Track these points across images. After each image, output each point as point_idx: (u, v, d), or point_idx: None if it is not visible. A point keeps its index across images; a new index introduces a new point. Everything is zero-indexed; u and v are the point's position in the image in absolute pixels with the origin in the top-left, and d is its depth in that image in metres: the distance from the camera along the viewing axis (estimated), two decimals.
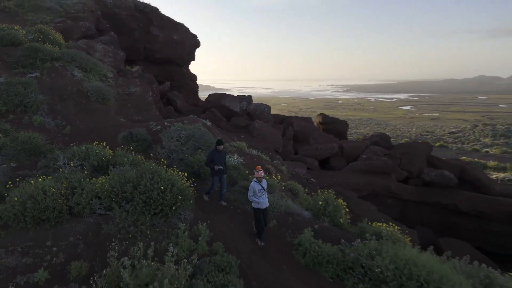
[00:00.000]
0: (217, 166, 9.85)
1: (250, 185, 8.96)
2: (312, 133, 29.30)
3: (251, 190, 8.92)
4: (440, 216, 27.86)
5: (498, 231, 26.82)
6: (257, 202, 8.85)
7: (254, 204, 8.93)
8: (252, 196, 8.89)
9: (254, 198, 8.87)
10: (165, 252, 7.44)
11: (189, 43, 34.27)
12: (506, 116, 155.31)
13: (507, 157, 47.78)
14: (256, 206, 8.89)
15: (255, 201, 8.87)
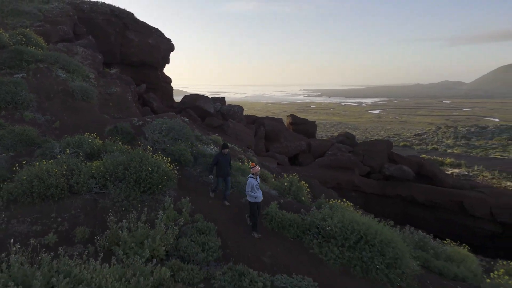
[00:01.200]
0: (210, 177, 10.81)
1: (248, 180, 9.54)
2: (282, 132, 31.23)
3: (249, 186, 9.47)
4: (400, 208, 30.33)
5: (451, 220, 29.53)
6: (254, 197, 9.42)
7: (251, 198, 9.47)
8: (250, 191, 9.44)
9: (252, 193, 9.41)
10: (155, 220, 8.94)
11: (164, 47, 35.55)
12: (467, 119, 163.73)
13: (463, 155, 51.55)
14: (253, 200, 9.45)
15: (252, 196, 9.42)
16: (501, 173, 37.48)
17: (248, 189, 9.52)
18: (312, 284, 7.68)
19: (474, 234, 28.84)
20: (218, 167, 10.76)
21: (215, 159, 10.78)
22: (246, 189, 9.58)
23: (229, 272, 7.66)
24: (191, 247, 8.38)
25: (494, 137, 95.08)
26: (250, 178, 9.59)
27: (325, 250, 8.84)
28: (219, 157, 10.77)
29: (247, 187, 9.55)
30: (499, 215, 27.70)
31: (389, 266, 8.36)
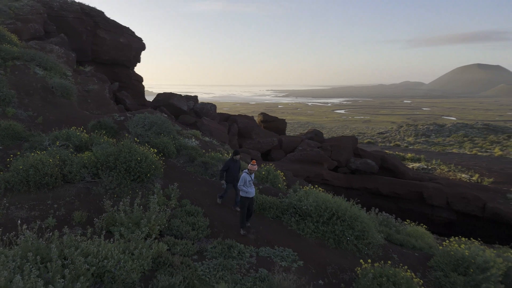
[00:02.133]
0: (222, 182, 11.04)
1: (242, 175, 9.64)
2: (254, 129, 32.30)
3: (242, 180, 9.57)
4: (365, 199, 32.17)
5: (411, 209, 31.72)
6: (246, 192, 9.55)
7: (242, 193, 9.61)
8: (242, 185, 9.56)
9: (243, 188, 9.54)
10: (147, 205, 9.71)
11: (135, 46, 35.71)
12: (427, 118, 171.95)
13: (422, 150, 54.78)
14: (245, 195, 9.58)
15: (244, 190, 9.55)
16: (456, 166, 40.36)
17: (240, 183, 9.62)
18: (292, 254, 8.76)
19: (433, 222, 31.12)
20: (229, 173, 10.75)
21: (226, 165, 10.78)
22: (239, 183, 9.68)
23: (219, 246, 8.60)
24: (183, 227, 9.24)
25: (451, 135, 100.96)
26: (244, 173, 9.70)
27: (302, 226, 9.97)
28: (230, 163, 10.79)
29: (240, 181, 9.64)
30: (454, 204, 30.06)
31: (357, 237, 9.59)
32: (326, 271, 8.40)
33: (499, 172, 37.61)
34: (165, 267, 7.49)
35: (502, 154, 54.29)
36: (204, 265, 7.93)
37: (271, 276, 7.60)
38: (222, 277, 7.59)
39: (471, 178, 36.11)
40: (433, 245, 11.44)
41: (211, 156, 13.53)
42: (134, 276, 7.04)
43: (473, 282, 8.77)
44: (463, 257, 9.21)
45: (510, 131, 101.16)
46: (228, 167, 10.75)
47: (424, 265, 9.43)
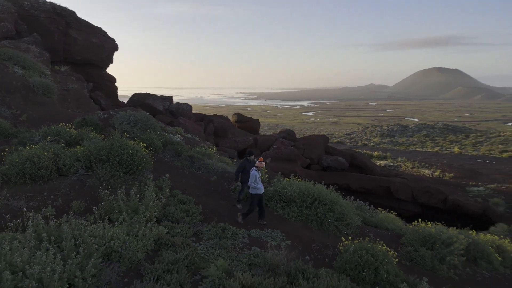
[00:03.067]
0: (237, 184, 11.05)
1: (252, 173, 10.00)
2: (230, 129, 33.01)
3: (253, 177, 9.91)
4: None
5: (380, 204, 33.42)
6: (257, 188, 9.93)
7: (253, 190, 9.96)
8: (253, 182, 9.90)
9: (254, 185, 9.89)
10: (142, 195, 10.23)
11: (108, 46, 35.53)
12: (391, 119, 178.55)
13: (388, 149, 57.38)
14: (255, 192, 9.95)
15: (255, 187, 9.92)
16: (420, 163, 42.80)
17: (251, 181, 9.91)
18: (280, 234, 9.60)
19: (400, 215, 32.88)
20: (244, 174, 10.74)
21: (241, 166, 10.81)
22: (250, 181, 9.95)
23: (213, 229, 9.31)
24: (177, 213, 9.87)
25: (414, 135, 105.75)
26: (253, 171, 10.01)
27: (287, 211, 10.84)
28: (245, 164, 10.83)
29: (251, 178, 9.92)
30: (419, 198, 32.02)
31: (337, 219, 10.57)
32: (312, 248, 9.30)
33: (459, 167, 40.29)
34: (167, 247, 8.11)
35: (461, 152, 57.81)
36: (202, 245, 8.62)
37: (263, 252, 8.39)
38: (220, 255, 8.30)
39: (433, 174, 38.46)
40: (403, 227, 12.64)
41: (197, 151, 14.17)
42: (139, 255, 7.64)
43: (439, 255, 9.94)
44: (430, 234, 10.38)
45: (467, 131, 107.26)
46: (244, 167, 10.77)
47: (397, 242, 10.54)
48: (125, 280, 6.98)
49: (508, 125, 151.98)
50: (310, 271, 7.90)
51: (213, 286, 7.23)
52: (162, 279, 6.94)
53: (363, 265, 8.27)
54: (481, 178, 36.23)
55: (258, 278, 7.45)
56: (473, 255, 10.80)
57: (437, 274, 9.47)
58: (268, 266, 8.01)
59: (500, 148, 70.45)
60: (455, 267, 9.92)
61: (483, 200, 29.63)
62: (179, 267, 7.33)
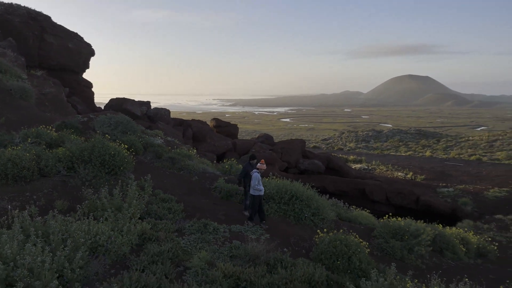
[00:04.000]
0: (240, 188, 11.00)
1: (254, 175, 10.26)
2: (208, 133, 33.31)
3: (255, 179, 10.15)
4: None
5: (356, 205, 34.37)
6: (259, 190, 10.19)
7: (255, 192, 10.17)
8: (256, 184, 10.14)
9: (257, 186, 10.14)
10: (124, 194, 10.47)
11: (85, 51, 35.29)
12: (366, 125, 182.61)
13: (363, 153, 58.91)
14: (257, 194, 10.17)
15: (258, 189, 10.17)
16: (393, 166, 44.27)
17: (254, 182, 10.14)
18: (260, 229, 10.06)
19: (375, 216, 34.10)
20: (248, 178, 10.75)
21: (244, 170, 10.80)
22: (253, 183, 10.18)
23: (195, 224, 9.68)
24: (160, 211, 10.19)
25: (388, 140, 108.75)
26: (255, 173, 10.29)
27: (266, 207, 11.31)
28: (248, 168, 10.86)
29: (254, 180, 10.17)
30: (392, 199, 33.15)
31: (314, 214, 11.14)
32: (289, 241, 9.80)
33: (430, 170, 41.94)
34: (151, 241, 8.43)
35: (432, 155, 60.04)
36: (185, 240, 8.97)
37: (244, 245, 8.83)
38: (202, 248, 8.68)
39: (406, 176, 39.91)
40: (375, 223, 13.34)
41: (177, 152, 14.49)
42: (124, 249, 7.93)
43: (408, 246, 10.65)
44: (400, 227, 11.09)
45: (438, 136, 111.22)
46: (247, 172, 10.79)
47: (369, 235, 11.19)
48: (111, 271, 7.26)
49: (477, 130, 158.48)
50: (288, 261, 8.39)
51: (196, 276, 7.61)
52: (148, 269, 7.27)
53: (338, 255, 8.84)
54: (450, 179, 37.88)
55: (239, 267, 7.88)
56: (440, 246, 11.59)
57: (405, 263, 10.15)
58: (249, 257, 8.45)
59: (469, 152, 73.55)
60: (422, 256, 10.64)
61: (452, 200, 31.00)
62: (163, 259, 7.67)
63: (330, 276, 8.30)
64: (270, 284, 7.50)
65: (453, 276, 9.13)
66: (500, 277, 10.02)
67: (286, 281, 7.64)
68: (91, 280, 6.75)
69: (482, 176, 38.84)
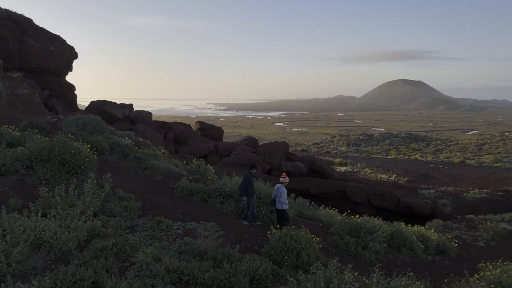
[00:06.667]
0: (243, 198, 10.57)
1: (282, 190, 10.44)
2: (191, 136, 33.35)
3: (285, 195, 10.38)
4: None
5: (338, 207, 34.54)
6: (287, 203, 10.52)
7: (283, 206, 10.37)
8: (285, 199, 10.43)
9: (287, 201, 10.51)
10: (82, 193, 10.52)
11: (67, 54, 35.28)
12: (358, 129, 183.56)
13: (350, 156, 59.27)
14: (285, 208, 10.47)
15: (286, 203, 10.42)
16: (378, 169, 44.60)
17: (284, 198, 10.35)
18: (215, 226, 10.16)
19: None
20: (250, 187, 10.61)
21: (246, 180, 10.61)
22: (282, 198, 10.32)
23: (149, 222, 9.75)
24: (116, 209, 10.25)
25: (379, 143, 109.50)
26: (282, 187, 10.46)
27: (225, 206, 11.43)
28: (250, 177, 10.73)
29: (283, 196, 10.35)
30: (374, 200, 33.39)
31: (271, 211, 11.26)
32: (243, 238, 9.90)
33: (413, 172, 42.32)
34: (99, 237, 8.49)
35: (419, 159, 60.53)
36: (135, 236, 9.05)
37: (194, 241, 8.92)
38: (151, 244, 8.76)
39: (389, 178, 40.21)
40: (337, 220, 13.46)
41: (144, 152, 14.56)
42: (70, 245, 7.98)
43: (363, 242, 10.80)
44: (356, 224, 11.24)
45: (428, 140, 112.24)
46: (249, 181, 10.67)
47: (326, 232, 11.32)
48: (52, 266, 7.30)
49: (468, 134, 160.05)
50: (235, 256, 8.49)
51: (140, 271, 7.68)
52: (89, 264, 7.33)
53: (287, 250, 8.96)
54: (432, 181, 38.26)
55: (184, 262, 7.98)
56: (397, 243, 11.76)
57: (359, 259, 10.29)
58: (196, 252, 8.54)
59: (458, 155, 74.33)
60: (377, 253, 10.79)
61: (433, 201, 31.32)
62: (107, 254, 7.73)
63: (276, 270, 8.42)
64: (212, 278, 7.60)
65: (405, 271, 9.27)
66: (452, 272, 10.18)
67: (229, 275, 7.74)
68: (27, 274, 6.79)
69: (464, 178, 39.30)
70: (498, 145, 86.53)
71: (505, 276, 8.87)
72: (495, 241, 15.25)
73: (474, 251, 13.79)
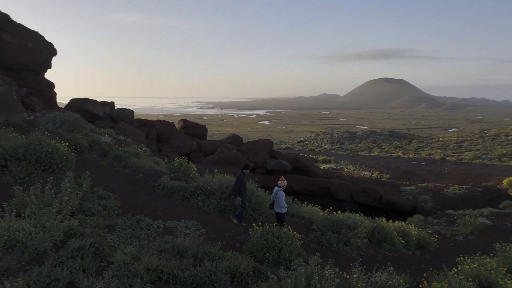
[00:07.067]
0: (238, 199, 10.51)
1: (281, 194, 10.35)
2: (174, 134, 33.01)
3: (283, 199, 10.26)
4: None
5: (322, 204, 34.76)
6: (286, 207, 10.42)
7: (283, 209, 10.27)
8: (284, 202, 10.33)
9: (285, 204, 10.38)
10: (59, 192, 10.25)
11: (45, 51, 34.40)
12: (342, 127, 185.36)
13: (333, 153, 59.75)
14: (284, 211, 10.39)
15: (285, 206, 10.33)
16: (361, 166, 45.08)
17: (282, 202, 10.26)
18: (196, 224, 10.05)
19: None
20: (243, 187, 10.61)
21: (240, 180, 10.53)
22: (280, 202, 10.24)
23: (128, 220, 9.58)
24: (94, 207, 10.03)
25: (362, 141, 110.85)
26: (280, 191, 10.40)
27: (207, 203, 11.34)
28: (243, 178, 10.67)
29: (281, 200, 10.26)
30: (357, 197, 33.70)
31: (253, 209, 11.23)
32: (225, 235, 9.83)
33: (395, 169, 42.93)
34: (76, 237, 8.28)
35: (401, 156, 61.48)
36: (114, 235, 8.86)
37: (174, 239, 8.80)
38: (131, 243, 8.60)
39: (372, 175, 40.69)
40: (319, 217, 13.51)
41: (124, 150, 14.31)
42: (45, 245, 7.77)
43: (344, 238, 10.85)
44: (338, 220, 11.30)
45: (410, 137, 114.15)
46: (242, 181, 10.61)
47: (308, 229, 11.35)
48: (26, 267, 7.08)
49: (448, 132, 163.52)
50: (216, 253, 8.41)
51: (118, 270, 7.52)
52: (64, 264, 7.14)
53: (268, 247, 8.92)
54: (414, 178, 38.90)
55: (164, 261, 7.85)
56: (378, 238, 11.86)
57: (341, 254, 10.34)
58: (177, 250, 8.42)
59: (438, 152, 75.85)
60: (359, 248, 10.86)
61: (414, 197, 31.81)
62: (84, 254, 7.55)
63: (258, 267, 8.37)
64: (193, 276, 7.51)
65: (385, 266, 9.35)
66: (432, 266, 10.33)
67: (210, 273, 7.66)
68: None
69: (445, 174, 40.08)
70: (477, 142, 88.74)
71: (482, 269, 9.05)
72: (474, 235, 15.55)
73: (453, 245, 14.03)
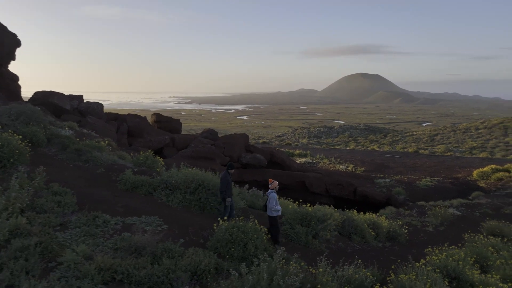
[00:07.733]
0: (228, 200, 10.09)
1: (271, 195, 9.80)
2: (146, 129, 32.10)
3: (273, 200, 9.68)
4: None
5: (297, 198, 34.69)
6: (278, 210, 9.73)
7: (274, 213, 9.65)
8: (274, 205, 9.67)
9: (277, 207, 9.73)
10: (7, 188, 9.51)
11: (8, 41, 32.69)
12: (320, 122, 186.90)
13: (310, 147, 59.96)
14: (276, 214, 9.70)
15: (276, 210, 9.69)
16: (336, 159, 45.35)
17: (273, 204, 9.67)
18: (158, 220, 9.54)
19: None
20: (229, 187, 10.27)
21: (226, 180, 10.16)
22: (270, 204, 9.70)
23: (83, 217, 8.97)
24: (47, 204, 9.34)
25: (339, 135, 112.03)
26: (272, 193, 9.87)
27: (171, 198, 10.82)
28: (229, 178, 10.32)
29: (271, 201, 9.70)
30: (332, 190, 33.81)
31: (220, 203, 10.78)
32: (188, 231, 9.36)
33: (370, 162, 43.37)
34: (22, 236, 7.63)
35: (376, 149, 62.32)
36: (66, 234, 8.25)
37: (132, 236, 8.26)
38: (84, 241, 8.01)
39: (347, 168, 40.95)
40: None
41: (85, 144, 13.57)
42: None
43: (314, 231, 10.58)
44: (307, 213, 11.01)
45: (385, 131, 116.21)
46: (228, 181, 10.23)
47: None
48: None
49: (422, 126, 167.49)
50: (176, 250, 7.95)
51: (67, 271, 6.96)
52: (5, 266, 6.52)
53: (233, 242, 8.52)
54: (388, 171, 39.37)
55: (118, 260, 7.33)
56: (348, 230, 11.67)
57: (309, 248, 10.06)
58: (134, 248, 7.91)
59: (412, 145, 77.44)
60: (328, 241, 10.62)
61: (387, 190, 32.14)
62: (29, 254, 6.94)
63: (220, 264, 7.97)
64: (149, 275, 7.03)
65: (354, 259, 9.12)
66: (401, 257, 10.20)
67: (168, 271, 7.20)
68: None
69: (417, 167, 40.77)
70: (449, 136, 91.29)
71: (450, 260, 8.94)
72: (443, 226, 15.66)
73: (423, 236, 14.04)
